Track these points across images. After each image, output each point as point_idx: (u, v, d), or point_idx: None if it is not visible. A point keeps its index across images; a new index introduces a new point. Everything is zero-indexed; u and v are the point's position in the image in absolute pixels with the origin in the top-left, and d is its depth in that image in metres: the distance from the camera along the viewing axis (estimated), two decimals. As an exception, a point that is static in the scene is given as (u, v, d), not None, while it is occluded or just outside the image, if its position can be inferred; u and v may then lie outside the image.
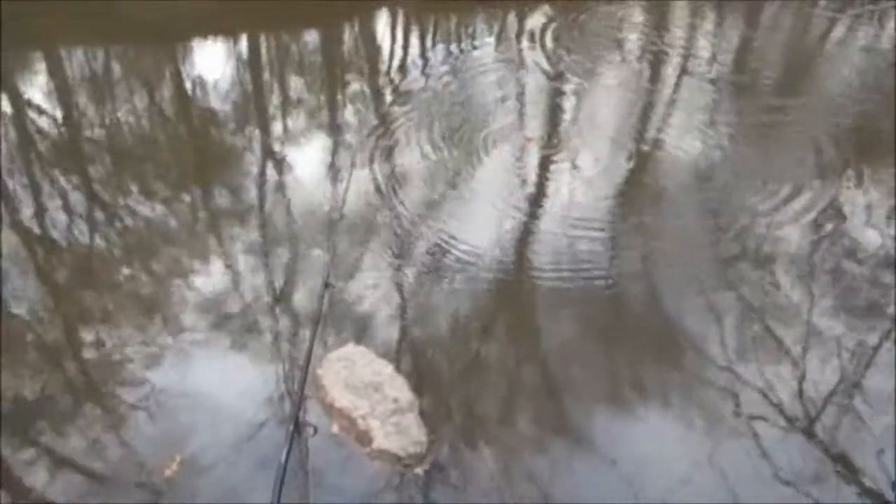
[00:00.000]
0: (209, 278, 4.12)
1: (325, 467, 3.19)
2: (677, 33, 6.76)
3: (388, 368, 3.51)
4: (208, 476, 3.17)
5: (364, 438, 3.26)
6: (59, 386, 3.54)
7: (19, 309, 3.91)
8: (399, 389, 3.42)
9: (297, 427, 2.38)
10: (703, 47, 6.48)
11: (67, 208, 4.61)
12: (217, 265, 4.20)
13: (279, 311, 3.93)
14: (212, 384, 3.56)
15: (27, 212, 4.56)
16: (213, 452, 3.24)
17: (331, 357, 3.57)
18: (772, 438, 3.34)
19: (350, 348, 3.63)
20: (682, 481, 3.16)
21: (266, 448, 3.28)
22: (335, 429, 3.33)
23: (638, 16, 7.03)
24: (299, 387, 2.57)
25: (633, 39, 6.64)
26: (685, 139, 5.29)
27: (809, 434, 3.38)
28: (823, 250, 4.36)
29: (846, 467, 3.25)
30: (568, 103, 5.71)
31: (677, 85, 5.96)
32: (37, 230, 4.46)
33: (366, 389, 3.39)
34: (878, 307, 4.00)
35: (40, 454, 3.24)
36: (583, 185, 4.83)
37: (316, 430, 3.08)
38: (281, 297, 4.01)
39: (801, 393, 3.54)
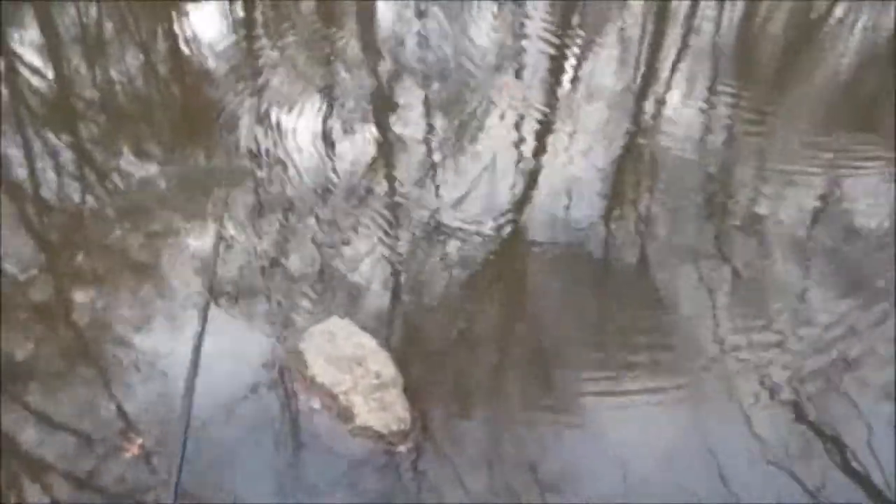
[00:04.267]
0: (202, 241, 4.09)
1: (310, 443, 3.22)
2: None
3: (371, 342, 3.44)
4: (199, 438, 3.18)
5: (346, 415, 3.21)
6: (50, 347, 3.54)
7: (11, 269, 3.89)
8: (383, 364, 3.35)
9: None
10: (709, 15, 6.38)
11: (59, 168, 4.57)
12: (210, 228, 4.17)
13: (272, 277, 3.91)
14: (203, 348, 3.55)
15: (19, 171, 4.51)
16: (204, 414, 3.26)
17: (313, 331, 3.50)
18: (761, 416, 3.35)
19: (333, 321, 3.56)
20: (669, 457, 3.18)
21: (257, 412, 3.31)
22: (316, 404, 3.30)
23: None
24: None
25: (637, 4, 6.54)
26: (686, 110, 5.24)
27: (799, 413, 3.40)
28: (821, 229, 4.34)
29: (835, 446, 3.27)
30: (568, 69, 5.64)
31: (680, 54, 5.88)
32: (29, 190, 4.42)
33: (348, 364, 3.33)
34: (871, 287, 3.99)
35: (32, 415, 3.25)
36: (580, 154, 4.78)
37: None
38: (274, 263, 3.98)
39: (791, 371, 3.55)
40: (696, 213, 4.45)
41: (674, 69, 5.70)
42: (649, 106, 5.32)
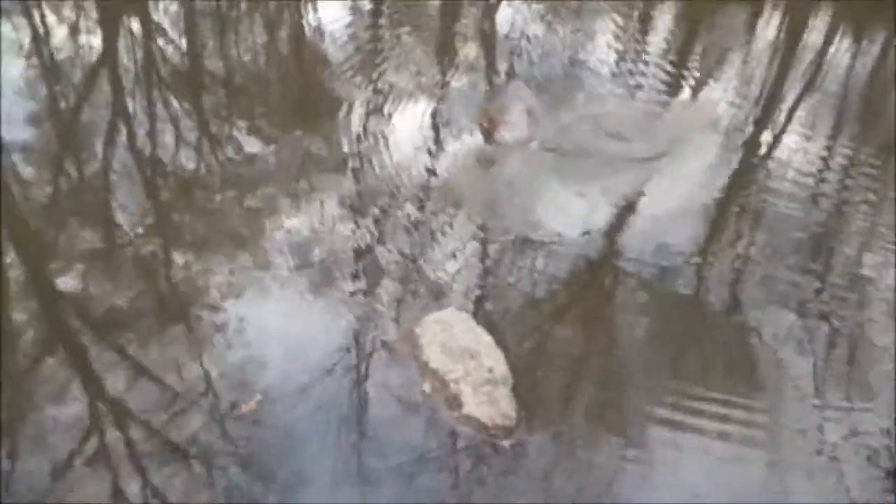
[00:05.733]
0: (299, 221, 4.21)
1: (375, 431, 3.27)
2: (812, 39, 6.43)
3: (486, 338, 3.51)
4: (269, 412, 3.27)
5: (454, 402, 3.28)
6: (148, 300, 3.71)
7: (123, 222, 4.11)
8: (496, 361, 3.41)
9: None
10: (837, 63, 6.15)
11: (177, 133, 4.78)
12: (308, 210, 4.29)
13: (362, 265, 3.98)
14: (288, 324, 3.65)
15: (141, 132, 4.76)
16: (278, 390, 3.35)
17: (429, 318, 3.59)
18: (855, 481, 3.21)
19: (450, 312, 3.64)
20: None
21: (329, 394, 3.37)
22: (426, 388, 3.37)
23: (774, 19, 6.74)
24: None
25: (764, 39, 6.37)
26: (799, 158, 5.05)
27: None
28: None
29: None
30: (683, 97, 5.53)
31: (801, 100, 5.68)
32: (147, 150, 4.66)
33: (462, 355, 3.40)
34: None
35: (124, 361, 3.41)
36: (684, 185, 4.68)
37: None
38: (365, 251, 4.06)
39: (887, 435, 3.37)
40: (796, 263, 4.30)
41: (791, 114, 5.52)
42: (762, 147, 5.16)
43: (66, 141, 4.71)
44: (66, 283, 3.73)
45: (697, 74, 5.78)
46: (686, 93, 5.60)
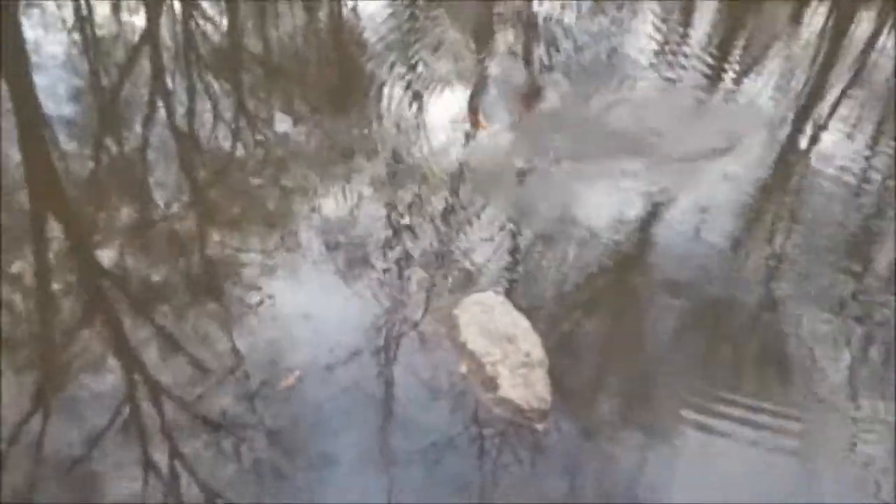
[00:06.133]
0: (332, 203, 4.23)
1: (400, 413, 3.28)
2: (858, 32, 6.27)
3: (524, 322, 3.53)
4: (296, 391, 3.31)
5: (489, 384, 3.30)
6: (182, 276, 3.77)
7: (159, 198, 4.17)
8: (532, 345, 3.43)
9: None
10: (887, 55, 5.98)
11: (215, 112, 4.83)
12: (341, 192, 4.30)
13: (391, 248, 3.99)
14: (318, 304, 3.68)
15: (179, 110, 4.81)
16: (306, 368, 3.37)
17: (468, 300, 3.62)
18: (890, 490, 3.15)
19: (489, 295, 3.66)
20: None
21: (355, 375, 3.39)
22: (463, 369, 3.40)
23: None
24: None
25: (807, 33, 6.22)
26: (840, 154, 4.94)
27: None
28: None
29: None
30: (722, 89, 5.44)
31: (846, 93, 5.54)
32: (185, 128, 4.71)
33: (500, 338, 3.43)
34: None
35: (157, 335, 3.48)
36: (720, 178, 4.61)
37: None
38: (395, 235, 4.07)
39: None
40: (834, 261, 4.21)
41: (835, 108, 5.39)
42: (802, 141, 5.06)
43: (106, 117, 4.78)
44: (104, 256, 3.80)
45: (740, 68, 5.67)
46: (728, 87, 5.50)
